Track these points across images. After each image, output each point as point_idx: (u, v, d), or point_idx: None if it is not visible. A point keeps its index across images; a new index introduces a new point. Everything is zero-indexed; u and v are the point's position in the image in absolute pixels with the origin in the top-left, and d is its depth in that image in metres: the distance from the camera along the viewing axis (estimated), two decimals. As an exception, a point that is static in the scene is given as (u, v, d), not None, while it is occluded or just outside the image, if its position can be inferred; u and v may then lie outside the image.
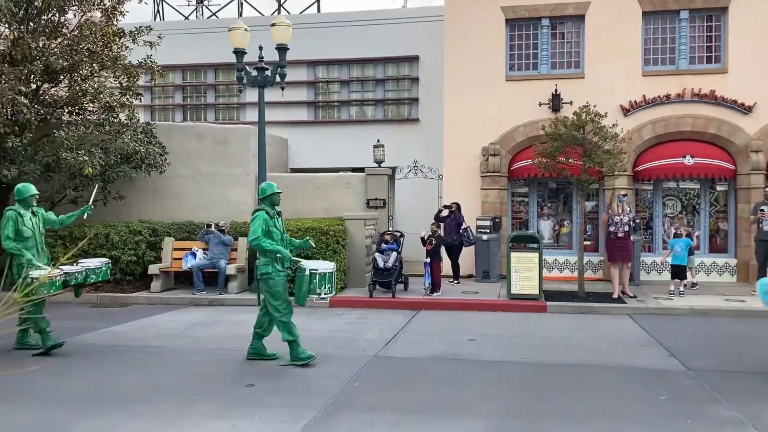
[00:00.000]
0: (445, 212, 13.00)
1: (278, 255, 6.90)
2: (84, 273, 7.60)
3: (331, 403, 5.53)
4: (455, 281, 12.76)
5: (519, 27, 14.22)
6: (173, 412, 5.34)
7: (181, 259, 12.05)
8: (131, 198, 13.57)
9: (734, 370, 6.70)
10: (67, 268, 7.43)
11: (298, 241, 7.46)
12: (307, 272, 6.91)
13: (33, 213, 7.74)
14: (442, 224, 12.46)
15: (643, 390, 5.99)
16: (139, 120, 13.46)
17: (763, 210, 11.20)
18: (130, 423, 5.08)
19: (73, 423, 5.07)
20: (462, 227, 12.69)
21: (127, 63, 12.89)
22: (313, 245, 7.77)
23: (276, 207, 7.17)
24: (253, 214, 7.06)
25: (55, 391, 5.99)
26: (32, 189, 7.79)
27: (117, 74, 12.90)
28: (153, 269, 11.84)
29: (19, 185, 7.83)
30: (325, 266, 7.11)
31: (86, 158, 11.46)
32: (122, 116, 12.88)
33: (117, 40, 12.70)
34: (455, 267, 12.92)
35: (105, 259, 8.26)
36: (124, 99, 12.87)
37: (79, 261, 8.00)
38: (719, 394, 5.80)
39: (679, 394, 5.86)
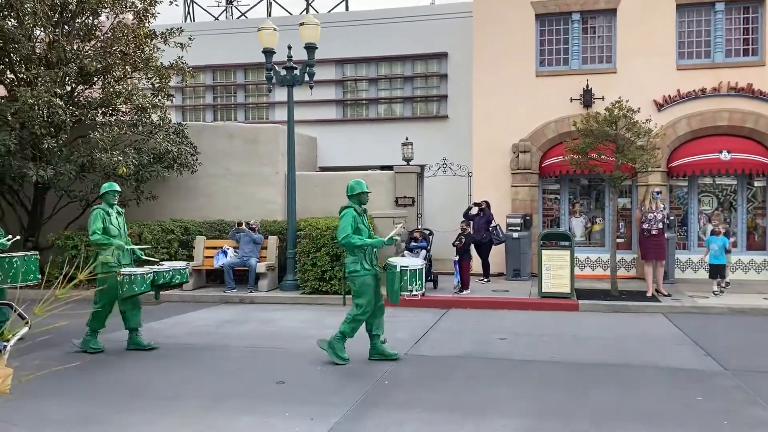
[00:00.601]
0: (475, 210, 12.91)
1: (371, 247, 6.85)
2: (170, 273, 7.69)
3: (362, 401, 5.54)
4: (485, 279, 12.67)
5: (549, 22, 14.05)
6: (206, 408, 5.40)
7: (212, 257, 12.20)
8: (163, 197, 13.77)
9: (774, 370, 6.52)
10: (156, 267, 7.59)
11: (381, 239, 7.34)
12: (398, 269, 6.83)
13: (118, 212, 7.83)
14: (471, 222, 12.38)
15: (678, 390, 5.86)
16: (170, 120, 13.66)
17: None
18: (165, 418, 5.15)
19: (109, 418, 5.16)
20: (491, 225, 12.58)
21: (158, 64, 13.09)
22: (394, 241, 7.60)
23: (363, 205, 7.09)
24: (341, 212, 7.00)
25: (92, 387, 6.10)
26: (115, 186, 7.85)
27: (149, 75, 13.12)
28: (185, 267, 11.99)
29: (106, 184, 7.91)
30: (414, 263, 7.08)
31: (120, 158, 11.67)
32: (154, 117, 13.09)
33: (149, 41, 12.92)
34: (485, 265, 12.82)
35: (186, 262, 8.35)
36: (156, 100, 13.08)
37: (160, 262, 8.12)
38: (758, 395, 5.64)
39: (716, 394, 5.72)
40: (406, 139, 15.31)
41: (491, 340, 8.08)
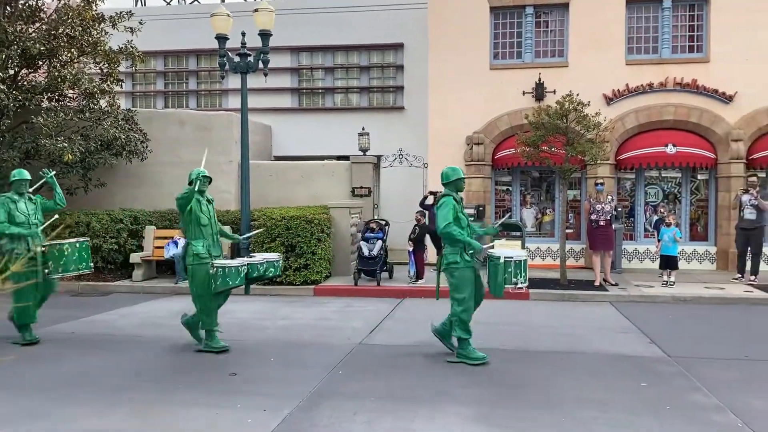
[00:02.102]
0: (430, 199, 12.97)
1: (467, 246, 6.49)
2: (264, 265, 7.19)
3: (315, 392, 5.53)
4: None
5: (503, 15, 14.19)
6: (155, 401, 5.31)
7: (162, 247, 11.96)
8: (113, 186, 13.42)
9: (713, 356, 6.79)
10: (248, 259, 7.19)
11: (482, 229, 7.12)
12: (502, 260, 6.43)
13: (208, 200, 7.39)
14: (427, 212, 12.44)
15: (624, 377, 6.05)
16: (119, 106, 13.29)
17: (743, 199, 11.44)
18: (111, 411, 5.04)
19: (55, 411, 5.02)
20: None
21: (107, 49, 12.69)
22: (498, 230, 7.39)
23: (459, 192, 6.78)
24: (438, 201, 6.68)
25: (33, 380, 5.93)
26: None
27: (97, 60, 12.72)
28: (135, 258, 11.75)
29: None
30: (519, 253, 6.64)
31: (65, 145, 11.30)
32: (103, 103, 12.71)
33: (96, 25, 12.50)
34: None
35: (278, 254, 7.87)
36: (105, 85, 12.69)
37: (251, 254, 7.57)
38: (699, 381, 5.87)
39: (660, 380, 5.92)
40: (363, 129, 15.28)
41: (444, 330, 8.15)
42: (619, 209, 12.80)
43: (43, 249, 7.23)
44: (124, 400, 5.30)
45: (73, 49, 12.13)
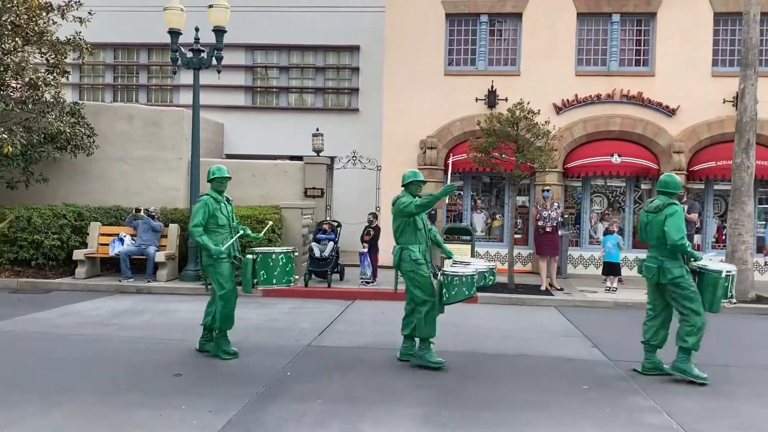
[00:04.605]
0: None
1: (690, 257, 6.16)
2: (487, 273, 6.64)
3: (262, 393, 5.49)
4: None
5: (459, 22, 14.38)
6: (97, 402, 5.17)
7: (108, 244, 11.66)
8: (56, 181, 13.01)
9: (651, 360, 7.02)
10: (468, 268, 6.47)
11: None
12: (723, 275, 6.04)
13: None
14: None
15: (567, 379, 6.21)
16: (65, 99, 12.89)
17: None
18: (50, 413, 4.89)
19: (-13, 414, 4.83)
20: None
21: (54, 39, 12.29)
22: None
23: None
24: (670, 209, 6.04)
25: (-32, 380, 5.69)
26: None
27: (43, 50, 12.30)
28: (78, 255, 11.42)
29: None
30: (732, 267, 6.26)
31: (5, 136, 10.90)
32: (47, 95, 12.30)
33: (43, 14, 12.09)
34: None
35: (484, 261, 7.18)
36: (50, 77, 12.29)
37: (454, 262, 6.94)
38: (637, 383, 6.07)
39: (601, 383, 6.10)
40: (317, 130, 15.24)
41: (394, 331, 8.17)
42: (566, 216, 13.13)
43: (255, 257, 6.75)
44: (64, 402, 5.14)
45: (17, 38, 11.70)
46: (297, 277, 7.18)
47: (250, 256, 6.74)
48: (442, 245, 7.09)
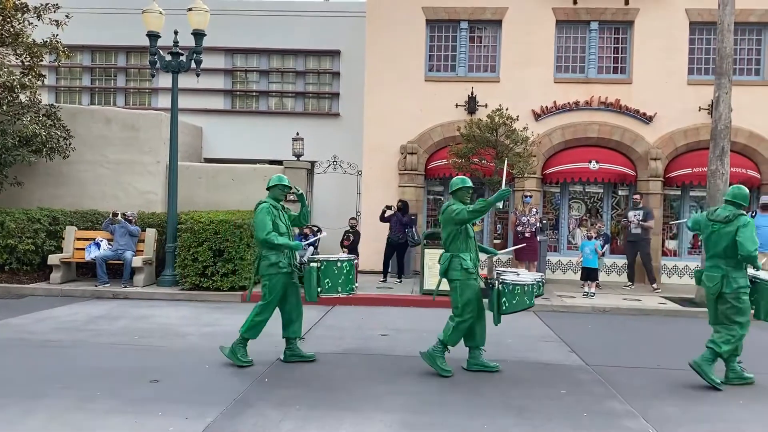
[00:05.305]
0: (389, 212, 12.78)
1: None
2: (538, 284, 6.61)
3: (239, 399, 5.44)
4: (398, 280, 12.64)
5: (439, 28, 14.46)
6: (73, 408, 5.09)
7: (83, 249, 11.50)
8: (32, 184, 12.82)
9: (629, 365, 7.09)
10: (526, 276, 6.53)
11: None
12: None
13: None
14: (390, 223, 12.39)
15: (545, 384, 6.24)
16: (41, 102, 12.72)
17: (629, 215, 12.70)
18: (26, 418, 4.80)
19: (-43, 422, 4.73)
20: (406, 227, 12.55)
21: (30, 41, 12.13)
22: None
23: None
24: (743, 220, 6.08)
25: (-62, 388, 5.57)
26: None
27: (18, 52, 12.12)
28: (53, 259, 11.24)
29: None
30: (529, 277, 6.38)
31: (-21, 139, 10.72)
32: (23, 97, 12.13)
33: (19, 15, 11.93)
34: (400, 265, 12.74)
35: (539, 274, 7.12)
36: (26, 79, 12.12)
37: (501, 271, 6.87)
38: (615, 388, 6.12)
39: (578, 388, 6.14)
40: (297, 134, 15.20)
41: (374, 337, 8.21)
42: (544, 221, 13.22)
43: (318, 265, 6.61)
44: (40, 408, 5.05)
45: (-9, 39, 11.55)
46: (358, 284, 7.08)
47: (314, 264, 6.63)
48: (484, 247, 7.19)
